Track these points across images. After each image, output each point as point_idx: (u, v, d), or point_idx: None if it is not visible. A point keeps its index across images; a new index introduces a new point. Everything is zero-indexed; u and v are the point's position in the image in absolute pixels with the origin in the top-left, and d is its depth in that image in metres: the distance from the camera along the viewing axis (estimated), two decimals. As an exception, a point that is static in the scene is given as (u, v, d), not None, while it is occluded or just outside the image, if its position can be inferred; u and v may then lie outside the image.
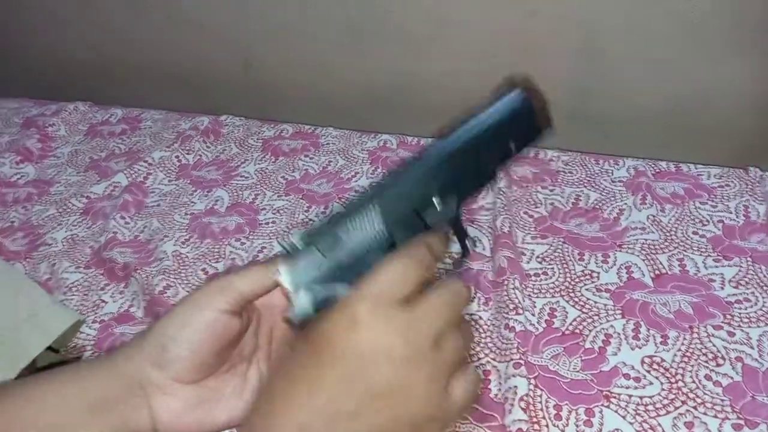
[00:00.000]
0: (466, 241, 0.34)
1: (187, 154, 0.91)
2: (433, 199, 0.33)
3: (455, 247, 0.35)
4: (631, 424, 0.49)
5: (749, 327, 0.56)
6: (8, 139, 0.98)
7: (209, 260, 0.71)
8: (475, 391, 0.30)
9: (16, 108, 1.08)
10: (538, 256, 0.66)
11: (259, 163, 0.88)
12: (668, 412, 0.50)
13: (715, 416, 0.49)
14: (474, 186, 0.35)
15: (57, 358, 0.61)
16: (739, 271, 0.61)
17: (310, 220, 0.76)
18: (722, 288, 0.60)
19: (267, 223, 0.76)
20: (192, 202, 0.82)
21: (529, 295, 0.61)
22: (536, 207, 0.73)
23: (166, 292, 0.66)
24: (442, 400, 0.29)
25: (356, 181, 0.82)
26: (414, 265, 0.30)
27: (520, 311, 0.58)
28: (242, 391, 0.36)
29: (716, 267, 0.62)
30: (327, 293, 0.30)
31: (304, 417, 0.27)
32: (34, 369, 0.59)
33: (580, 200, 0.73)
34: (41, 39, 1.31)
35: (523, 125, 0.35)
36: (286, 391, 0.28)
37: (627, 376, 0.53)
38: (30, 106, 1.07)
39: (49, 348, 0.61)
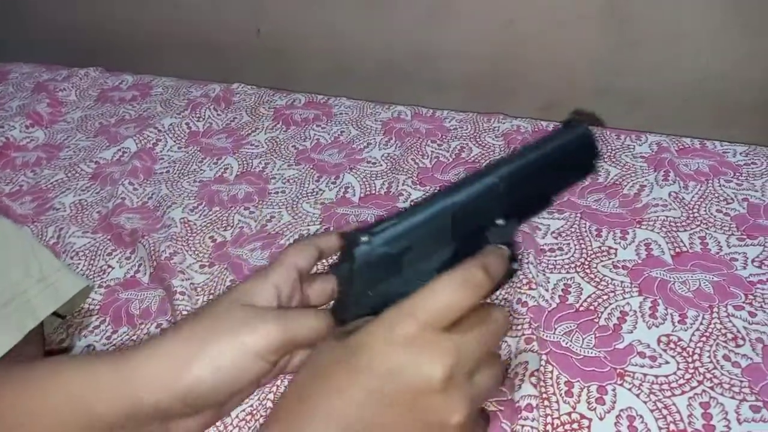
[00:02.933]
0: (514, 264, 0.34)
1: (198, 121, 0.90)
2: (497, 220, 0.33)
3: None
4: (645, 403, 0.48)
5: (772, 308, 0.53)
6: (19, 103, 0.98)
7: (217, 228, 0.70)
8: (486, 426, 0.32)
9: (28, 73, 1.07)
10: (553, 231, 0.64)
11: (270, 132, 0.86)
12: (684, 392, 0.48)
13: (733, 397, 0.47)
14: (533, 210, 0.36)
15: (61, 323, 0.61)
16: (764, 250, 0.59)
17: (320, 190, 0.74)
18: (745, 267, 0.57)
19: (276, 192, 0.75)
20: (201, 169, 0.80)
21: (543, 271, 0.59)
22: (553, 181, 0.70)
23: (172, 259, 0.65)
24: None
25: (368, 152, 0.80)
26: (468, 292, 0.29)
27: (534, 286, 0.56)
28: None
29: (739, 246, 0.60)
30: (382, 299, 0.30)
31: (335, 418, 0.27)
32: (40, 331, 0.59)
33: (600, 175, 0.71)
34: (54, 5, 1.29)
35: (583, 159, 0.38)
36: (318, 385, 0.28)
37: (642, 355, 0.51)
38: (42, 71, 1.06)
39: (55, 313, 0.60)
